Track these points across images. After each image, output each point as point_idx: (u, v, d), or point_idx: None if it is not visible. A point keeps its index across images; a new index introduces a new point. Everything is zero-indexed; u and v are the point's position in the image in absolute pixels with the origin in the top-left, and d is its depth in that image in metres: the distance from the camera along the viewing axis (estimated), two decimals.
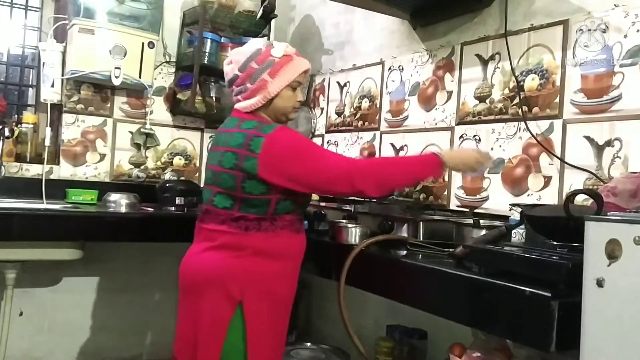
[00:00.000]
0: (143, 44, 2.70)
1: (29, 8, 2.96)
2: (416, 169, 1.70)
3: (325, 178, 1.61)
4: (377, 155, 2.62)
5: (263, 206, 1.64)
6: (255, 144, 1.60)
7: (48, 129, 2.69)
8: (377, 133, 2.64)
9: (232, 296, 1.62)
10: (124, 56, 2.64)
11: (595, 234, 1.00)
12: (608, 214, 1.06)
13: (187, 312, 1.72)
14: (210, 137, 3.18)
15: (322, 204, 2.32)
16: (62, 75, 2.69)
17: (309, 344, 2.47)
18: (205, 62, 2.86)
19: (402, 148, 2.50)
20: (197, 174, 3.14)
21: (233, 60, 1.73)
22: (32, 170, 2.67)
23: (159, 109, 3.01)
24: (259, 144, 1.59)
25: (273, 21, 3.05)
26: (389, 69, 2.61)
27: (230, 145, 1.64)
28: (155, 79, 2.92)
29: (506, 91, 2.05)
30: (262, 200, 1.63)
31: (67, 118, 2.78)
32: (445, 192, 2.26)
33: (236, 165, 1.61)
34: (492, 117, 2.10)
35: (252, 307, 1.63)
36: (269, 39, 3.11)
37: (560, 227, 1.28)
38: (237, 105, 1.75)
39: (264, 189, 1.62)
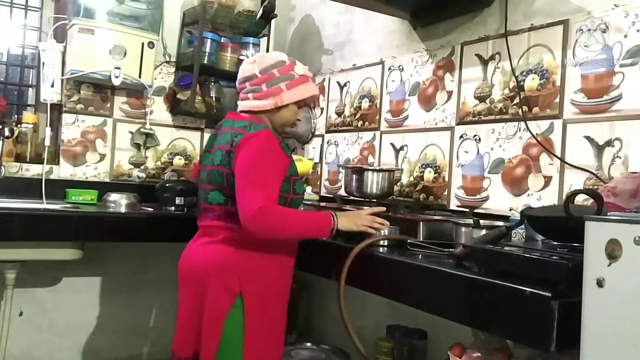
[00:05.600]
0: (143, 44, 2.70)
1: (29, 8, 2.95)
2: (310, 228, 1.68)
3: (253, 192, 1.60)
4: (377, 154, 2.63)
5: None
6: (238, 139, 1.68)
7: (48, 129, 2.68)
8: (377, 133, 2.64)
9: (231, 287, 1.66)
10: (124, 56, 2.64)
11: (595, 234, 1.00)
12: (608, 214, 1.06)
13: (188, 305, 1.76)
14: None
15: (322, 204, 2.31)
16: (62, 75, 2.69)
17: (309, 344, 2.47)
18: (205, 62, 2.86)
19: (402, 148, 2.50)
20: None
21: (257, 61, 1.81)
22: (32, 170, 2.67)
23: (158, 109, 3.01)
24: (240, 139, 1.68)
25: (273, 21, 3.05)
26: (389, 69, 2.61)
27: (221, 143, 1.74)
28: (155, 79, 2.92)
29: (506, 91, 2.05)
30: None
31: (67, 118, 2.78)
32: (445, 192, 2.26)
33: (221, 161, 1.71)
34: (492, 117, 2.10)
35: (252, 299, 1.67)
36: (268, 39, 3.11)
37: (560, 227, 1.28)
38: (243, 104, 1.81)
39: None
